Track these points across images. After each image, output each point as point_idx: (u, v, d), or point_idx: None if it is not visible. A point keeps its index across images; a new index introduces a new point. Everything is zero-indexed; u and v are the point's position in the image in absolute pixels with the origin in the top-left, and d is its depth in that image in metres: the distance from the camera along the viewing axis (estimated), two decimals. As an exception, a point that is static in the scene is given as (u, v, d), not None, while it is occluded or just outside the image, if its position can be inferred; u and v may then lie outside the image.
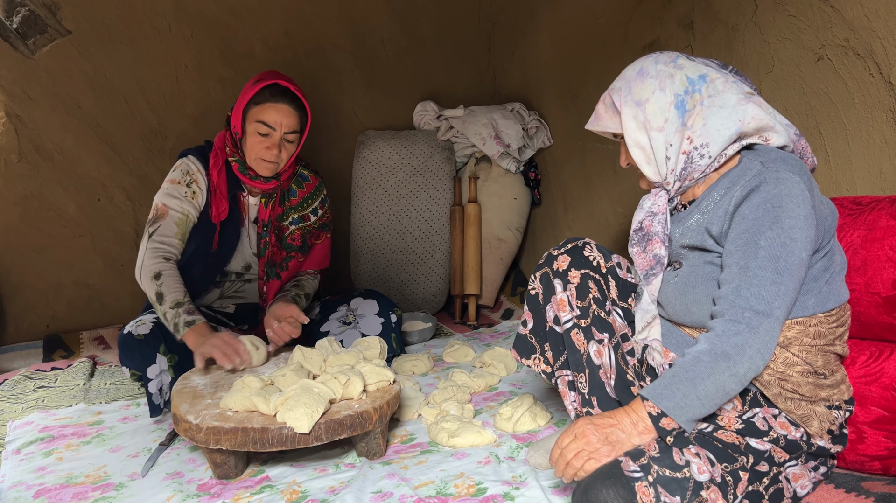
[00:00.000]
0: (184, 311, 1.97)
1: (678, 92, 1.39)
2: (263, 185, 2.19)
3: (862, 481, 1.45)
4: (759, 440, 1.34)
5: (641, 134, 1.42)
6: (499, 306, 3.20)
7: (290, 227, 2.32)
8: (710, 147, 1.37)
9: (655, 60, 1.44)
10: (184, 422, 1.67)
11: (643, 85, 1.42)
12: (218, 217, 2.17)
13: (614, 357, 1.47)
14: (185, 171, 2.16)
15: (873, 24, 1.68)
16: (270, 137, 2.09)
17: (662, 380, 1.30)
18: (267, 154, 2.09)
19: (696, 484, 1.23)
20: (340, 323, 2.41)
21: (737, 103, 1.37)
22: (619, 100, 1.45)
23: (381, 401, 1.74)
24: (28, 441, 1.97)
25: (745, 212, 1.31)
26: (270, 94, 2.07)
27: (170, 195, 2.12)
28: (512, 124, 3.09)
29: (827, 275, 1.38)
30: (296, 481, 1.69)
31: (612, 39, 2.63)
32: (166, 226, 2.10)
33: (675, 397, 1.27)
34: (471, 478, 1.65)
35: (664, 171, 1.43)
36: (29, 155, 2.76)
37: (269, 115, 2.07)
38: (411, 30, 3.27)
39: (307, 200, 2.34)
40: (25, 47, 2.68)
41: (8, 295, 2.81)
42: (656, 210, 1.46)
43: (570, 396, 1.50)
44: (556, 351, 1.55)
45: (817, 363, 1.37)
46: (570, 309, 1.50)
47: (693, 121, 1.38)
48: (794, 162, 1.36)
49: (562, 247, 1.56)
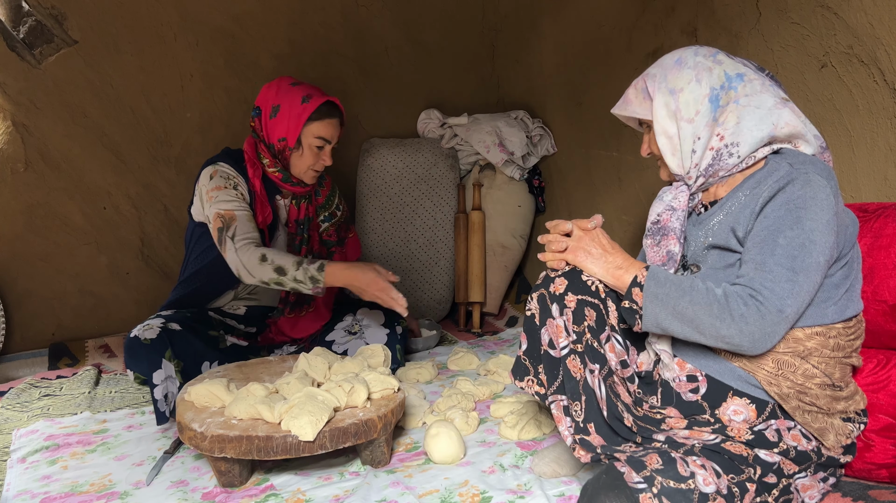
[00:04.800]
0: (307, 263, 2.07)
1: (714, 86, 1.38)
2: (302, 189, 2.31)
3: (869, 489, 1.44)
4: (769, 451, 1.32)
5: (671, 123, 1.41)
6: (503, 314, 3.20)
7: (324, 223, 2.44)
8: (740, 147, 1.36)
9: (695, 52, 1.43)
10: (188, 430, 1.67)
11: (680, 74, 1.40)
12: (264, 223, 2.24)
13: (604, 388, 1.44)
14: (226, 176, 2.19)
15: (877, 31, 1.68)
16: (325, 150, 2.25)
17: (669, 274, 1.35)
18: (320, 165, 2.26)
19: (701, 495, 1.21)
20: (346, 332, 2.41)
21: (773, 106, 1.36)
22: (653, 86, 1.43)
23: (386, 409, 1.74)
24: (33, 449, 1.97)
25: (768, 211, 1.31)
26: (327, 111, 2.22)
27: (225, 200, 2.15)
28: (516, 132, 3.10)
29: (847, 284, 1.37)
30: (300, 489, 1.68)
31: (616, 47, 2.63)
32: (241, 224, 2.13)
33: (662, 287, 1.31)
34: (475, 487, 1.65)
35: (687, 164, 1.42)
36: (35, 164, 2.78)
37: (326, 131, 2.23)
38: (415, 38, 3.28)
39: (330, 198, 2.49)
40: (32, 57, 2.70)
41: (14, 303, 2.82)
42: (676, 206, 1.45)
43: (565, 422, 1.48)
44: (549, 374, 1.52)
45: (835, 375, 1.36)
46: (567, 334, 1.47)
47: (725, 117, 1.37)
48: (823, 166, 1.35)
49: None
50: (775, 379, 1.33)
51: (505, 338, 2.88)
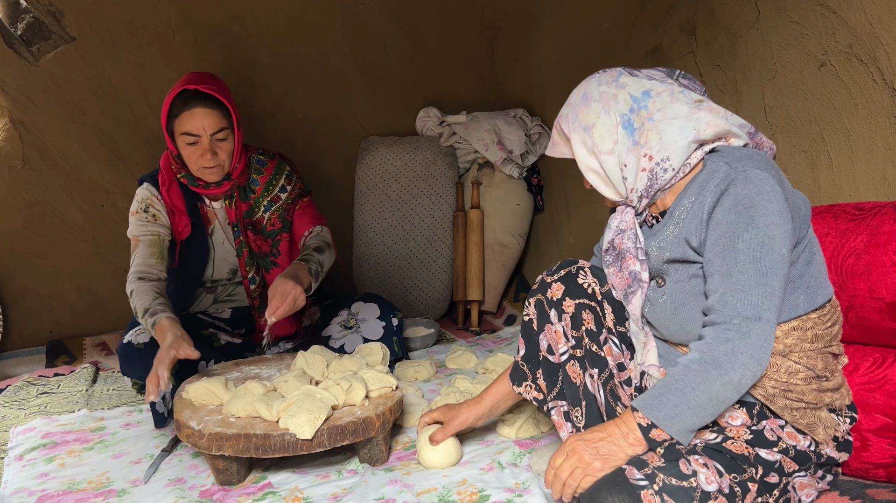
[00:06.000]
0: (149, 315, 1.95)
1: (623, 111, 1.37)
2: (218, 190, 2.18)
3: (866, 488, 1.44)
4: (769, 450, 1.32)
5: (592, 159, 1.41)
6: (501, 312, 3.20)
7: (265, 214, 2.30)
8: (671, 160, 1.35)
9: (598, 82, 1.42)
10: (186, 428, 1.67)
11: (588, 109, 1.40)
12: (181, 235, 2.18)
13: (604, 393, 1.45)
14: (140, 199, 2.17)
15: (876, 30, 1.68)
16: (200, 144, 2.06)
17: (653, 391, 1.29)
18: (204, 161, 2.07)
19: (703, 493, 1.21)
20: (342, 327, 2.41)
21: (689, 113, 1.35)
22: (566, 127, 1.44)
23: (384, 408, 1.74)
24: (30, 447, 1.97)
25: (719, 217, 1.29)
26: (182, 103, 2.04)
27: (135, 226, 2.14)
28: (515, 130, 3.10)
29: (812, 269, 1.36)
30: (298, 488, 1.68)
31: (615, 46, 2.63)
32: (141, 252, 2.11)
33: (665, 407, 1.26)
34: (473, 485, 1.65)
35: (624, 191, 1.41)
36: (33, 161, 2.77)
37: (188, 125, 2.04)
38: (414, 36, 3.28)
39: (271, 182, 2.30)
40: (30, 54, 2.69)
41: (11, 301, 2.81)
42: (624, 227, 1.44)
43: (566, 427, 1.48)
44: (549, 381, 1.51)
45: (818, 367, 1.36)
46: (566, 339, 1.47)
47: (646, 137, 1.35)
48: (760, 157, 1.34)
49: (555, 272, 1.53)
50: (759, 381, 1.33)
51: (503, 336, 2.88)
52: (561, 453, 1.32)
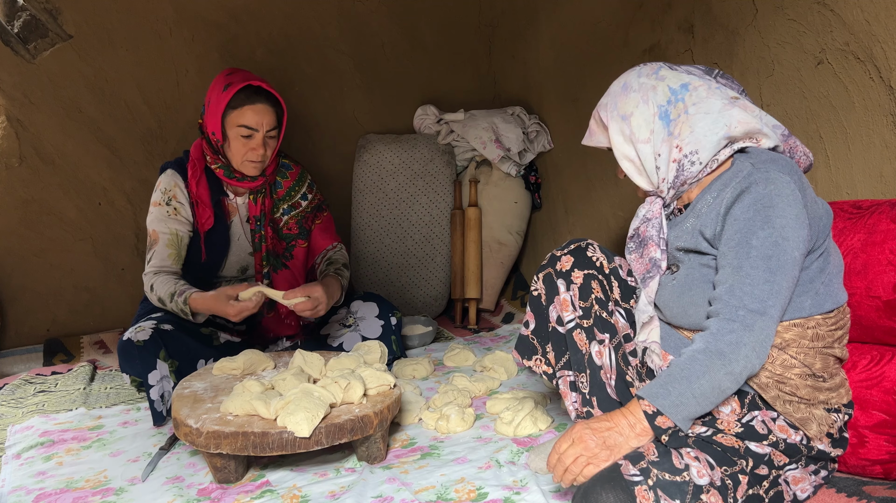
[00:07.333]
0: (178, 296, 2.08)
1: (661, 103, 1.41)
2: (251, 184, 2.23)
3: (863, 485, 1.45)
4: (759, 443, 1.34)
5: (629, 147, 1.45)
6: (499, 310, 3.20)
7: (283, 217, 2.35)
8: (699, 154, 1.38)
9: (638, 73, 1.46)
10: (184, 426, 1.67)
11: (627, 99, 1.44)
12: (203, 227, 2.21)
13: (615, 357, 1.49)
14: (164, 189, 2.21)
15: (873, 28, 1.68)
16: (254, 139, 2.13)
17: (658, 380, 1.32)
18: (253, 155, 2.15)
19: (695, 487, 1.23)
20: (340, 325, 2.41)
21: (722, 108, 1.38)
22: (605, 115, 1.48)
23: (382, 406, 1.74)
24: (28, 445, 1.97)
25: (737, 213, 1.32)
26: (247, 97, 2.10)
27: (156, 219, 2.19)
28: (512, 128, 3.09)
29: (823, 277, 1.38)
30: (296, 486, 1.68)
31: (613, 43, 2.63)
32: (159, 251, 2.18)
33: (671, 395, 1.28)
34: (472, 483, 1.65)
35: (656, 181, 1.46)
36: (30, 159, 2.77)
37: (249, 118, 2.11)
38: (412, 34, 3.27)
39: (294, 188, 2.38)
40: (27, 51, 2.69)
41: (8, 299, 2.81)
42: (651, 216, 1.48)
43: (570, 397, 1.51)
44: (557, 351, 1.56)
45: (815, 366, 1.37)
46: (573, 309, 1.52)
47: (679, 129, 1.39)
48: (785, 162, 1.37)
49: (565, 247, 1.58)
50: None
51: (501, 334, 2.89)
52: (567, 439, 1.32)
